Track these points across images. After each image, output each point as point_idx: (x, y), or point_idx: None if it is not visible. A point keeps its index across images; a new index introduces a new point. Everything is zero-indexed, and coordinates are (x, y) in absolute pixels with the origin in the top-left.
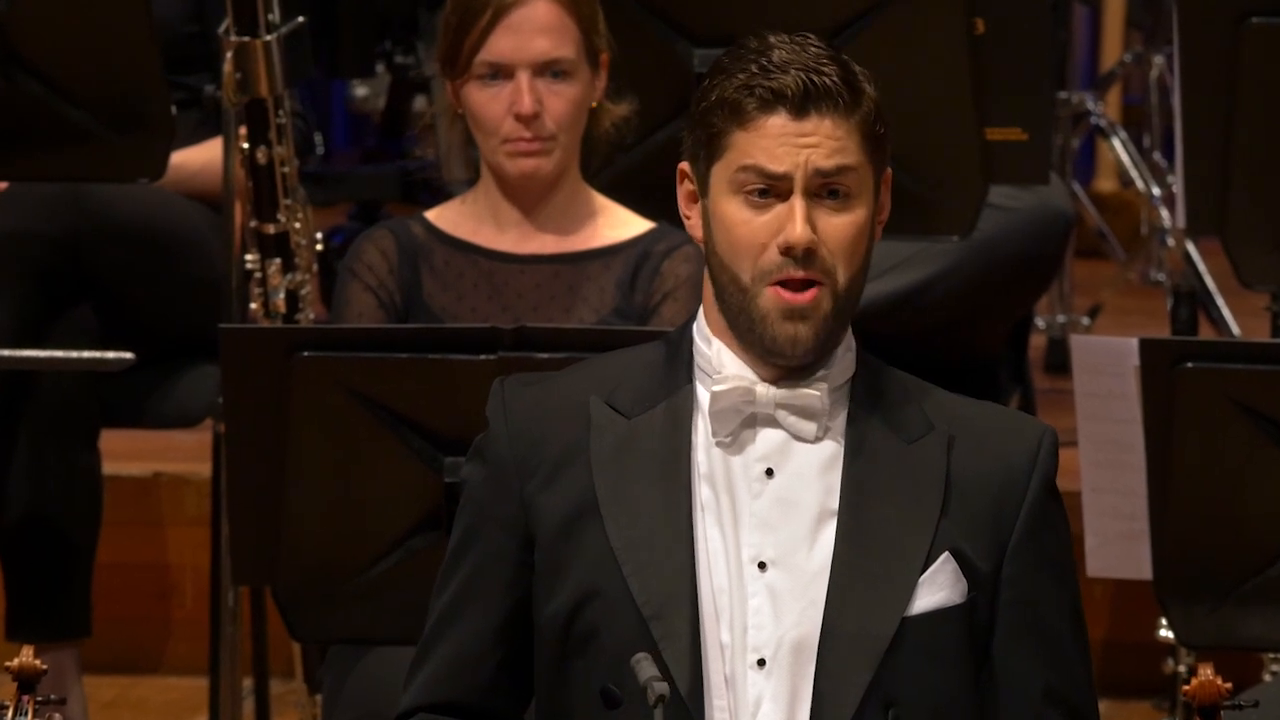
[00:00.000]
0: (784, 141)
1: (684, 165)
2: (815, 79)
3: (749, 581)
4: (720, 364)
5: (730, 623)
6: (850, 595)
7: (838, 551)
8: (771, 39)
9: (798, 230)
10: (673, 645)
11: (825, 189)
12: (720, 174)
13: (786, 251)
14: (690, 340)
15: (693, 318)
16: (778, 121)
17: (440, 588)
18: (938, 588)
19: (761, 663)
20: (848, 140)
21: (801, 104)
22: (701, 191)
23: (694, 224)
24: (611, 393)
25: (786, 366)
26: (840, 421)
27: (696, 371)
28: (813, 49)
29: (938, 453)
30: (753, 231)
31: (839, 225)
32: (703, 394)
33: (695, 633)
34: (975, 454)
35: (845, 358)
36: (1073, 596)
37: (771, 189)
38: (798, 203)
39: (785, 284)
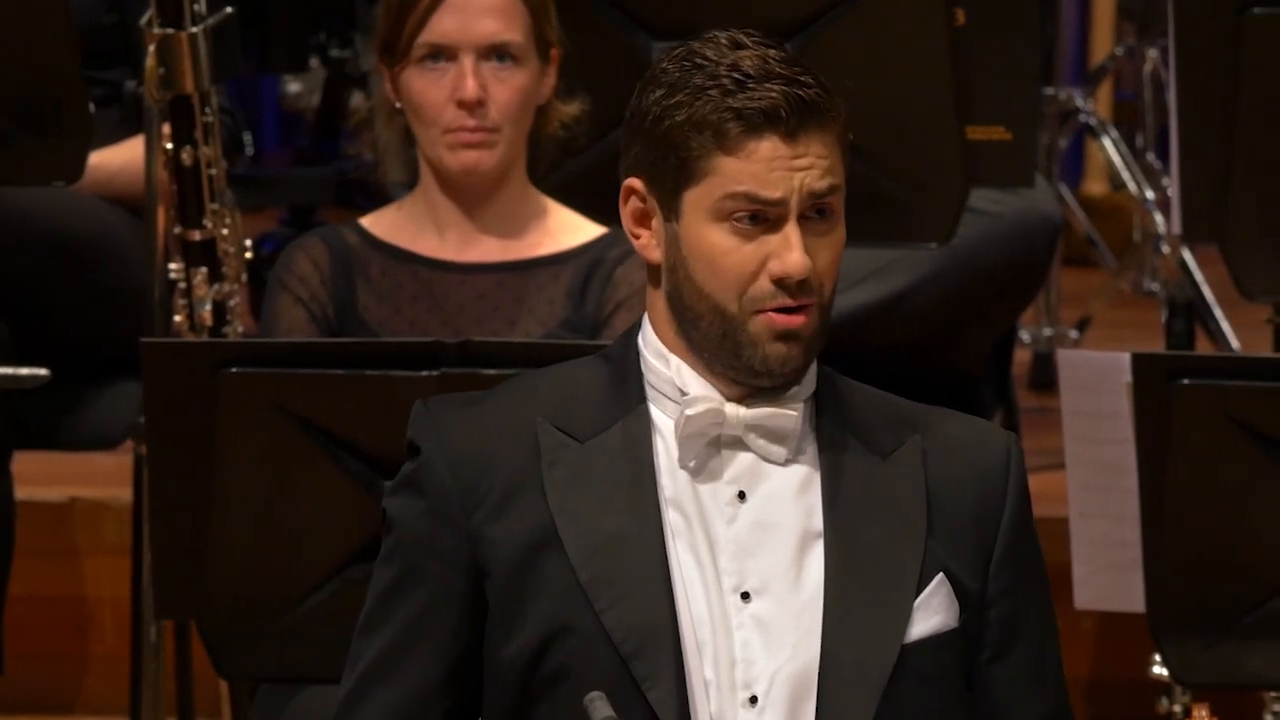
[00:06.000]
0: (776, 166)
1: (635, 183)
2: (802, 94)
3: (732, 613)
4: (684, 383)
5: (714, 657)
6: (848, 622)
7: (830, 576)
8: (723, 40)
9: (797, 261)
10: (658, 685)
11: (814, 208)
12: (698, 200)
13: (780, 281)
14: (636, 357)
15: (632, 332)
16: (769, 145)
17: (368, 631)
18: (932, 611)
19: (754, 700)
20: (834, 157)
21: (794, 126)
22: (666, 214)
23: (647, 244)
24: (556, 414)
25: (759, 385)
26: (808, 438)
27: (649, 391)
28: (773, 52)
29: (914, 468)
30: (741, 260)
31: (827, 245)
32: (658, 415)
33: (680, 670)
34: (947, 465)
35: (809, 371)
36: (1051, 609)
37: (760, 214)
38: (793, 231)
39: (777, 310)
